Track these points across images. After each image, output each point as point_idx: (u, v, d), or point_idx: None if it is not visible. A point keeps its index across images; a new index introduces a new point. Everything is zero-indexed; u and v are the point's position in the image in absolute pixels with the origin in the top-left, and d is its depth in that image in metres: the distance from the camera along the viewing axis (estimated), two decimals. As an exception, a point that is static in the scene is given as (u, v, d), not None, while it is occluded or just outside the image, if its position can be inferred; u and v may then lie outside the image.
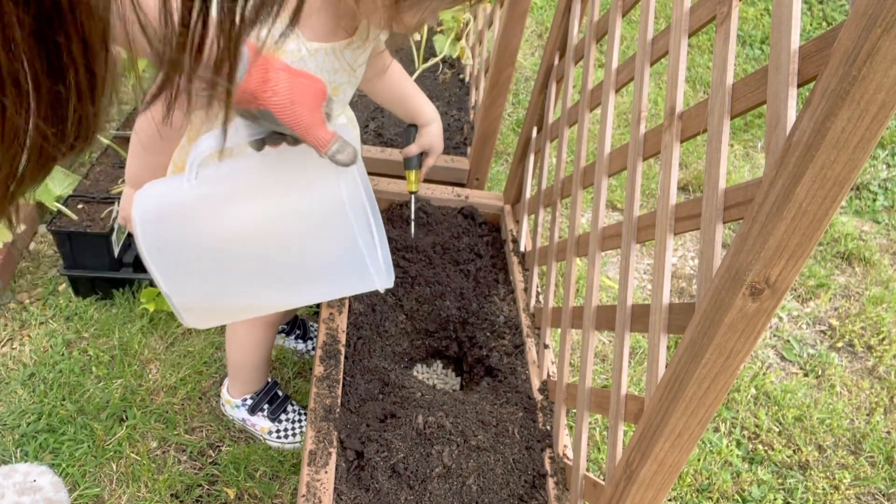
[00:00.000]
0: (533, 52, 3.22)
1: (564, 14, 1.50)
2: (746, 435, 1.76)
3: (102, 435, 1.51)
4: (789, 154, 0.62)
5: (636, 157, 1.06)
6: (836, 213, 0.60)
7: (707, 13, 0.89)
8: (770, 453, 1.72)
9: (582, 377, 1.15)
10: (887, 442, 1.78)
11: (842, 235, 2.42)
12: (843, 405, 1.86)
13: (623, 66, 1.18)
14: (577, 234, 1.32)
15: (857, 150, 0.57)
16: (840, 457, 1.74)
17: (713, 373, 0.72)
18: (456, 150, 2.01)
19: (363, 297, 1.45)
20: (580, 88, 1.38)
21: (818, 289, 2.23)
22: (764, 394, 1.85)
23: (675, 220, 0.91)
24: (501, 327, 1.48)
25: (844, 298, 2.22)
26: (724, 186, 0.79)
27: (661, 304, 0.89)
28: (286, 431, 1.53)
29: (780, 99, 0.68)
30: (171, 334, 1.75)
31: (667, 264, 0.90)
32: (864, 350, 2.05)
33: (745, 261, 0.66)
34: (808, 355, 2.00)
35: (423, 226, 1.67)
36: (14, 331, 1.72)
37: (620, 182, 2.47)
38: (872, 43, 0.53)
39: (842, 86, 0.55)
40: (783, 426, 1.78)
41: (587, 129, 1.32)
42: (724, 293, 0.69)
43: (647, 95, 1.07)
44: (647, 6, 1.09)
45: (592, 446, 1.66)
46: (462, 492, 1.11)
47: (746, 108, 0.78)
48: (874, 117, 0.55)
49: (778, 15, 0.70)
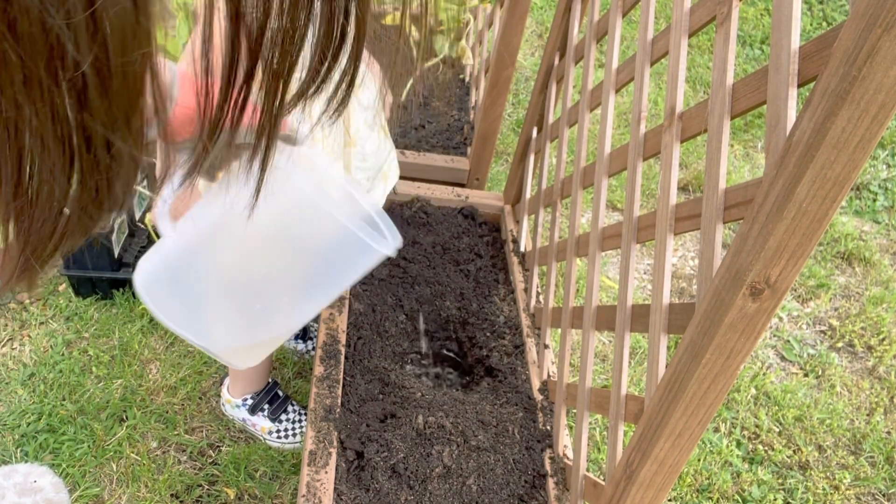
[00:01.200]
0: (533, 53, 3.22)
1: (564, 14, 1.50)
2: (746, 435, 1.75)
3: (102, 435, 1.51)
4: (789, 154, 0.62)
5: (636, 157, 1.06)
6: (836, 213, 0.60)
7: (707, 13, 0.89)
8: (770, 453, 1.72)
9: (582, 377, 1.15)
10: (887, 442, 1.78)
11: (842, 235, 2.42)
12: (843, 405, 1.86)
13: (623, 67, 1.18)
14: (577, 234, 1.32)
15: (857, 151, 0.57)
16: (840, 457, 1.74)
17: (713, 373, 0.72)
18: (456, 150, 2.01)
19: (363, 297, 1.45)
20: (580, 88, 1.38)
21: (818, 289, 2.23)
22: (764, 394, 1.85)
23: (675, 221, 0.91)
24: (501, 327, 1.48)
25: (844, 298, 2.22)
26: (724, 186, 0.79)
27: (662, 304, 0.89)
28: (286, 431, 1.53)
29: (781, 99, 0.68)
30: (171, 334, 1.75)
31: (667, 264, 0.90)
32: (865, 350, 2.05)
33: (746, 261, 0.66)
34: (808, 355, 2.00)
35: (423, 226, 1.67)
36: (14, 331, 1.72)
37: (620, 182, 2.47)
38: (872, 43, 0.53)
39: (842, 86, 0.55)
40: (783, 426, 1.78)
41: (587, 129, 1.32)
42: (725, 293, 0.69)
43: (647, 95, 1.07)
44: (647, 6, 1.09)
45: (592, 446, 1.66)
46: (462, 492, 1.11)
47: (746, 109, 0.78)
48: (874, 117, 0.55)
49: (778, 15, 0.70)
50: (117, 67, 0.27)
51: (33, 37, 0.24)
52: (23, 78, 0.25)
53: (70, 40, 0.25)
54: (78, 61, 0.26)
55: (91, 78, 0.26)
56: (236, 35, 0.29)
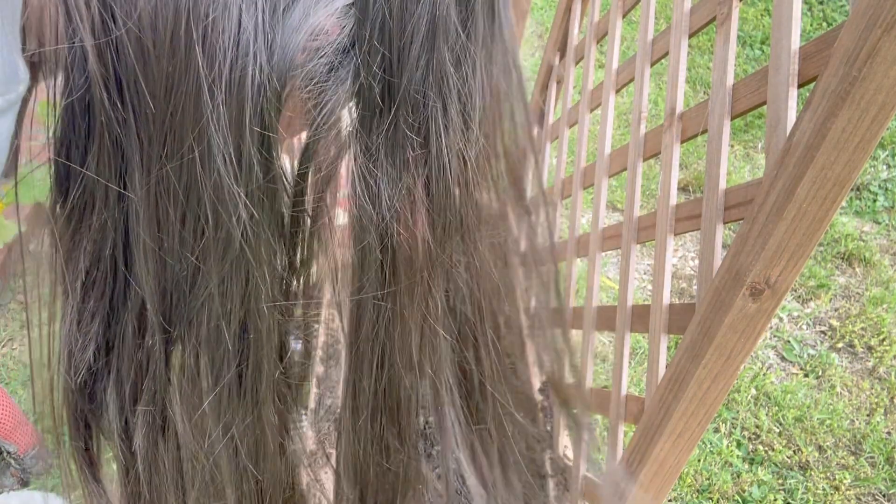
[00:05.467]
0: (533, 53, 3.22)
1: (564, 14, 1.50)
2: (747, 435, 1.75)
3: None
4: (789, 155, 0.62)
5: (636, 157, 1.06)
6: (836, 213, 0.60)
7: (707, 14, 0.89)
8: (770, 454, 1.71)
9: (582, 377, 1.15)
10: (888, 442, 1.78)
11: (842, 236, 2.42)
12: (843, 406, 1.86)
13: (623, 67, 1.18)
14: (578, 234, 1.32)
15: (857, 151, 0.57)
16: (840, 457, 1.74)
17: (713, 373, 0.72)
18: (456, 150, 2.01)
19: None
20: (580, 89, 1.38)
21: (818, 289, 2.23)
22: (764, 394, 1.85)
23: (675, 221, 0.91)
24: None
25: (845, 299, 2.22)
26: (724, 187, 0.79)
27: (662, 305, 0.89)
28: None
29: (781, 99, 0.68)
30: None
31: (667, 265, 0.90)
32: (865, 351, 2.05)
33: (746, 261, 0.66)
34: (808, 356, 2.00)
35: (423, 226, 1.67)
36: (14, 331, 1.72)
37: (620, 182, 2.46)
38: (873, 43, 0.53)
39: (842, 86, 0.55)
40: (783, 426, 1.78)
41: (587, 130, 1.32)
42: (725, 294, 0.69)
43: (647, 96, 1.07)
44: (647, 6, 1.09)
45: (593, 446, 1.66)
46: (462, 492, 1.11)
47: (747, 109, 0.78)
48: (874, 118, 0.55)
49: (778, 15, 0.70)
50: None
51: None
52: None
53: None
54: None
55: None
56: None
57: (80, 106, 0.27)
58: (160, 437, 0.32)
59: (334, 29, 0.28)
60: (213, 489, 0.33)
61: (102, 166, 0.28)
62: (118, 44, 0.26)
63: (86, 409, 0.33)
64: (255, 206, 0.28)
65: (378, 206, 0.30)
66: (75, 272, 0.29)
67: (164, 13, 0.26)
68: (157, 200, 0.28)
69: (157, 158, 0.28)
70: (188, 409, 0.31)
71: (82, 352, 0.31)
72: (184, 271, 0.29)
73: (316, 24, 0.28)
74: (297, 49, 0.27)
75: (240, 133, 0.27)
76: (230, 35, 0.26)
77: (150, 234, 0.29)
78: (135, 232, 0.29)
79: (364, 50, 0.28)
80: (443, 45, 0.29)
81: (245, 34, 0.26)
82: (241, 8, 0.26)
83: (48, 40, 0.26)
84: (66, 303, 0.30)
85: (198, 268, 0.29)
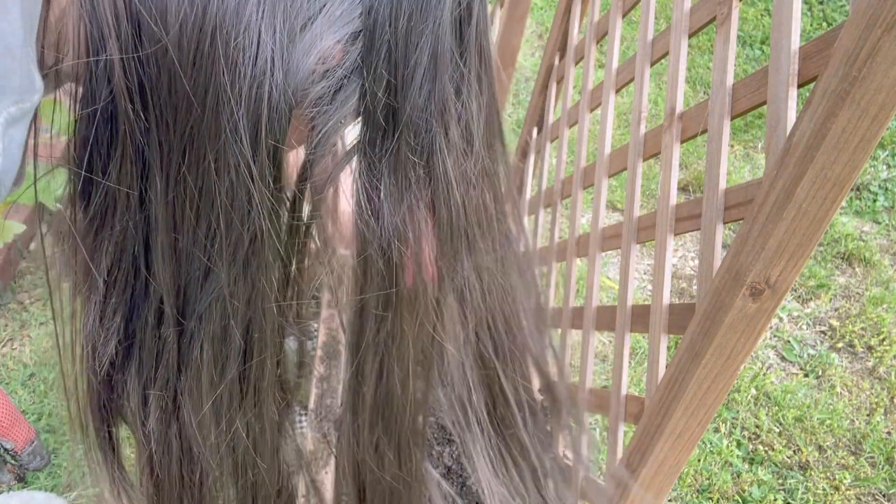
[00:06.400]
0: (533, 53, 3.22)
1: (564, 14, 1.50)
2: (747, 435, 1.75)
3: (102, 435, 1.51)
4: (789, 155, 0.62)
5: (636, 157, 1.06)
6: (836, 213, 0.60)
7: (707, 14, 0.89)
8: (770, 454, 1.71)
9: (582, 377, 1.15)
10: (887, 442, 1.78)
11: (842, 236, 2.42)
12: (843, 406, 1.86)
13: (623, 67, 1.18)
14: (578, 234, 1.32)
15: (857, 151, 0.57)
16: (840, 457, 1.74)
17: (713, 373, 0.72)
18: (456, 150, 2.01)
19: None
20: (580, 89, 1.38)
21: (818, 289, 2.23)
22: (764, 394, 1.85)
23: (675, 221, 0.91)
24: (501, 328, 1.48)
25: (845, 299, 2.22)
26: (724, 187, 0.79)
27: (662, 305, 0.89)
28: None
29: (780, 99, 0.68)
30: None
31: (667, 265, 0.90)
32: (865, 350, 2.05)
33: (746, 261, 0.66)
34: (808, 356, 2.00)
35: (423, 226, 1.67)
36: (14, 331, 1.72)
37: (620, 182, 2.46)
38: (873, 43, 0.53)
39: (842, 86, 0.55)
40: (783, 426, 1.78)
41: (587, 130, 1.32)
42: (725, 294, 0.69)
43: (647, 96, 1.07)
44: (647, 6, 1.09)
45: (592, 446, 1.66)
46: (462, 492, 1.11)
47: (747, 109, 0.78)
48: (874, 118, 0.55)
49: (778, 15, 0.70)
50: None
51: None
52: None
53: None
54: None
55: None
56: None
57: (104, 116, 0.29)
58: (173, 421, 0.34)
59: (338, 54, 0.31)
60: (219, 473, 0.35)
61: (125, 173, 0.30)
62: (145, 58, 0.28)
63: (109, 398, 0.35)
64: (265, 213, 0.30)
65: (380, 222, 0.32)
66: (98, 271, 0.31)
67: (191, 31, 0.27)
68: (174, 204, 0.30)
69: (177, 166, 0.29)
70: (196, 399, 0.33)
71: (105, 346, 0.33)
72: (197, 271, 0.31)
73: (324, 48, 0.30)
74: (308, 70, 0.29)
75: (255, 144, 0.29)
76: (251, 54, 0.28)
77: (168, 236, 0.30)
78: (154, 234, 0.31)
79: (371, 76, 0.31)
80: (444, 74, 0.31)
81: (264, 53, 0.28)
82: (261, 29, 0.28)
83: (70, 52, 0.28)
84: (89, 301, 0.32)
85: (209, 268, 0.31)
